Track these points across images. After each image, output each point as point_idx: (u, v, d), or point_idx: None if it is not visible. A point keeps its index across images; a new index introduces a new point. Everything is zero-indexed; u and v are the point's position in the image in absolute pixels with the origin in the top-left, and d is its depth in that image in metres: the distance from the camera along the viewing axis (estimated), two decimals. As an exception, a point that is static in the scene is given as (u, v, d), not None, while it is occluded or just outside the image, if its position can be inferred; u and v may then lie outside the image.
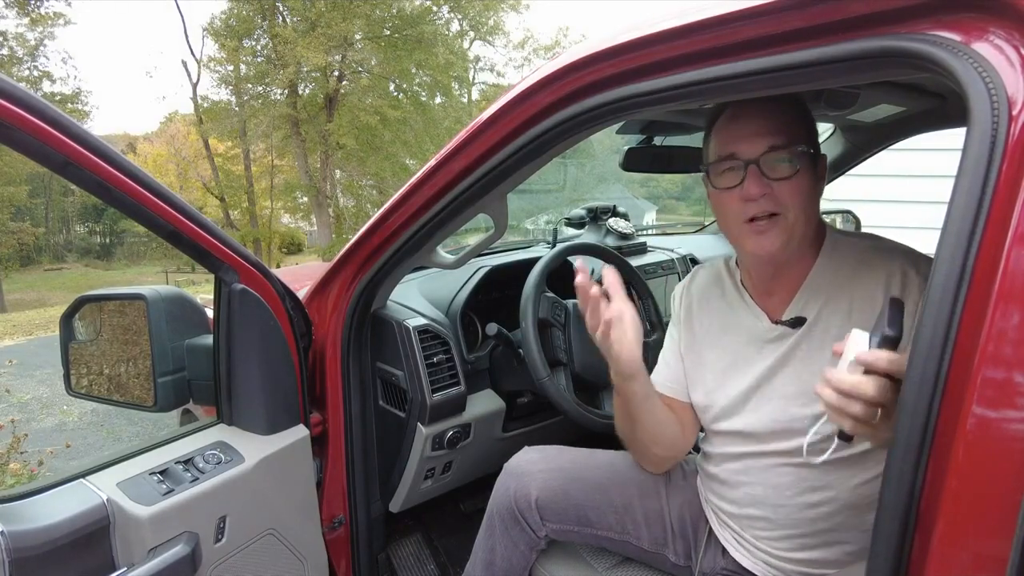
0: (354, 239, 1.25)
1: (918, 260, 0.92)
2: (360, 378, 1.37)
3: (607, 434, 1.29)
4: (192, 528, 0.94)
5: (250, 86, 18.14)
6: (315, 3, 16.07)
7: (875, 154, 1.68)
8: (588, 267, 0.95)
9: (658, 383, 1.17)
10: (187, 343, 1.13)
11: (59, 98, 18.18)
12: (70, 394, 1.20)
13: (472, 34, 20.96)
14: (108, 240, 32.39)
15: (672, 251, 2.32)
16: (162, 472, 0.96)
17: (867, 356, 0.67)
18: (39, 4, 16.66)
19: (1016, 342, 0.49)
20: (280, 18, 17.10)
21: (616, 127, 1.35)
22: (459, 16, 19.74)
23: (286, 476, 1.11)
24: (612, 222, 2.28)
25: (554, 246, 1.68)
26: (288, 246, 26.83)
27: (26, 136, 0.73)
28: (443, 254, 1.30)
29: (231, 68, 18.17)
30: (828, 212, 2.38)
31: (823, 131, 1.67)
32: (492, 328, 1.50)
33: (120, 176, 0.83)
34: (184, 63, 20.08)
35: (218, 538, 0.99)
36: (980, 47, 0.55)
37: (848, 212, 2.45)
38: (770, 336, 0.99)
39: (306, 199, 19.67)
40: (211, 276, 1.06)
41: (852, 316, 0.91)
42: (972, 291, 0.51)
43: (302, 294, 1.33)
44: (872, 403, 0.66)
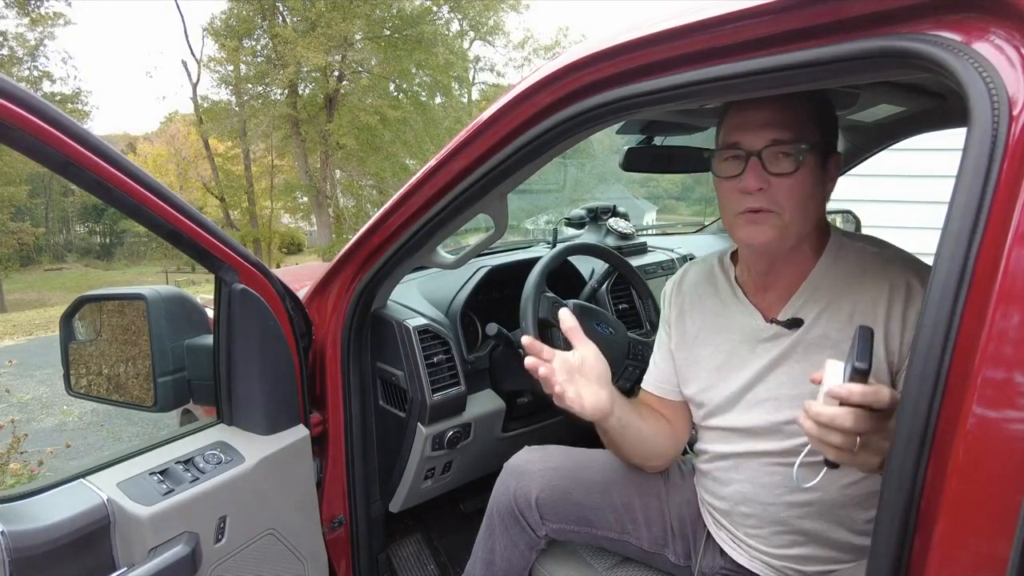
0: (354, 239, 1.25)
1: (922, 271, 0.90)
2: (360, 378, 1.37)
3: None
4: (192, 528, 0.94)
5: (250, 86, 18.16)
6: (315, 3, 16.08)
7: (875, 154, 1.68)
8: (537, 345, 0.95)
9: (648, 384, 1.18)
10: (187, 343, 1.13)
11: (59, 98, 18.18)
12: (70, 394, 1.20)
13: (472, 34, 20.98)
14: (108, 240, 32.38)
15: (672, 251, 2.33)
16: (162, 472, 0.96)
17: (839, 390, 0.67)
18: (39, 4, 16.68)
19: (1016, 342, 0.49)
20: (280, 18, 17.11)
21: (616, 127, 1.35)
22: (459, 16, 19.76)
23: (286, 476, 1.11)
24: (612, 222, 2.28)
25: (554, 246, 1.68)
26: (288, 246, 26.83)
27: (26, 136, 0.73)
28: (443, 254, 1.30)
29: (231, 68, 18.20)
30: (828, 212, 2.37)
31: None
32: (492, 328, 1.50)
33: (120, 176, 0.83)
34: (184, 63, 20.14)
35: (218, 538, 0.99)
36: (980, 47, 0.55)
37: (848, 212, 2.45)
38: (764, 335, 0.99)
39: (306, 199, 19.68)
40: (211, 276, 1.06)
41: (853, 322, 0.90)
42: (972, 291, 0.51)
43: (302, 294, 1.33)
44: (851, 433, 0.67)
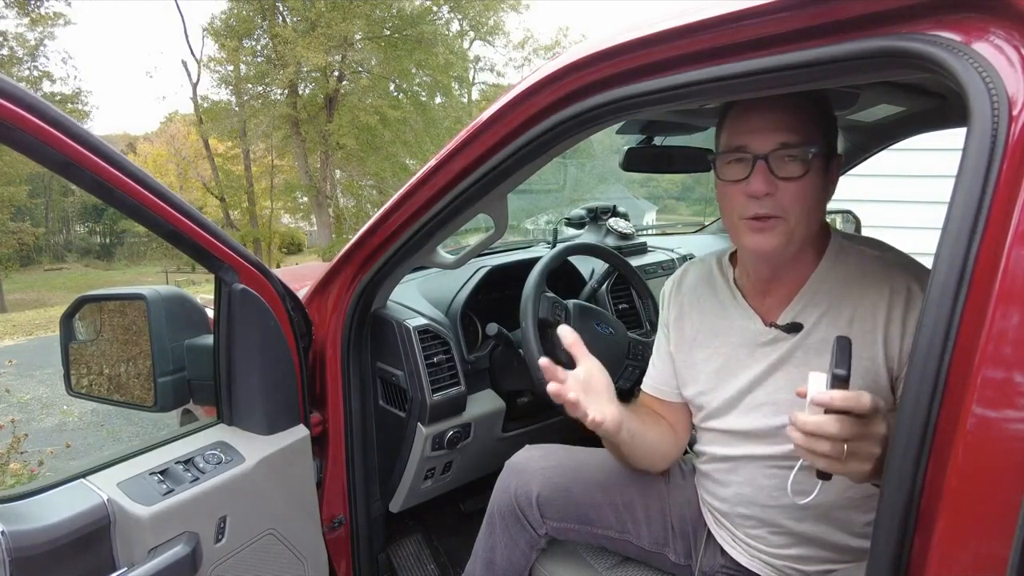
0: (354, 239, 1.25)
1: (922, 275, 0.89)
2: (360, 378, 1.37)
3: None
4: (192, 528, 0.94)
5: (250, 86, 18.15)
6: (315, 3, 16.08)
7: (875, 154, 1.68)
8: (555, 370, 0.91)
9: (647, 386, 1.17)
10: (187, 343, 1.13)
11: (59, 98, 18.18)
12: (70, 394, 1.20)
13: (472, 34, 20.98)
14: (108, 240, 32.38)
15: (672, 251, 2.33)
16: (162, 472, 0.96)
17: (821, 397, 0.68)
18: (39, 4, 16.68)
19: (1016, 342, 0.49)
20: (280, 18, 17.11)
21: (616, 127, 1.35)
22: (459, 16, 19.76)
23: (286, 476, 1.11)
24: (612, 222, 2.28)
25: (554, 246, 1.68)
26: (288, 246, 26.83)
27: (26, 136, 0.73)
28: (443, 254, 1.30)
29: (231, 68, 18.19)
30: (828, 212, 2.37)
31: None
32: (492, 328, 1.50)
33: (120, 176, 0.83)
34: (184, 63, 20.13)
35: (218, 538, 0.99)
36: (980, 47, 0.55)
37: (848, 212, 2.45)
38: (763, 339, 0.98)
39: (306, 199, 19.68)
40: (211, 276, 1.06)
41: (853, 326, 0.89)
42: (972, 291, 0.51)
43: (302, 294, 1.33)
44: (836, 440, 0.68)
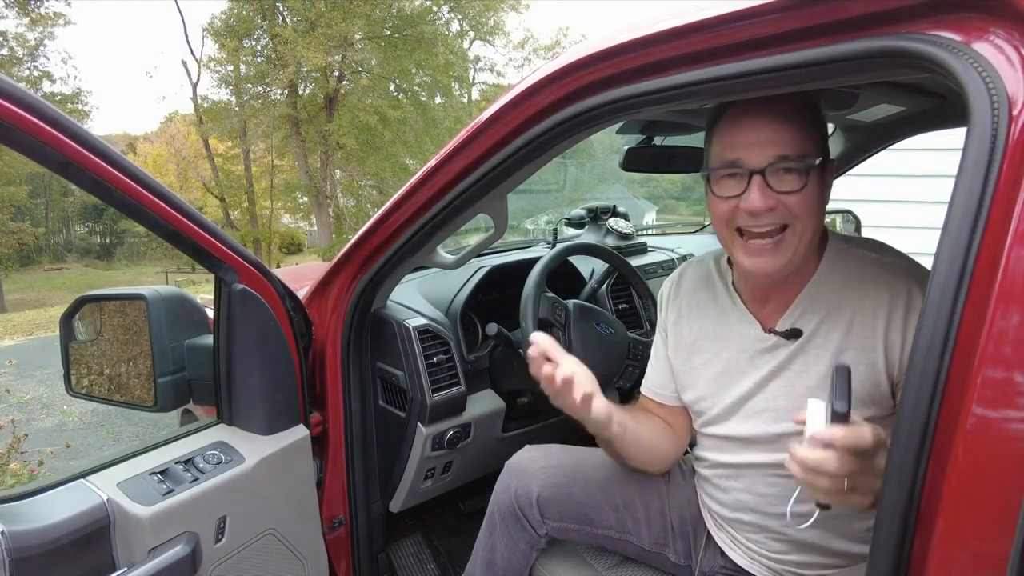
0: (354, 239, 1.25)
1: (922, 278, 0.87)
2: (360, 378, 1.37)
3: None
4: (192, 528, 0.94)
5: (250, 86, 18.16)
6: (315, 3, 16.08)
7: (875, 154, 1.68)
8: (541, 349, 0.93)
9: (646, 389, 1.17)
10: (187, 343, 1.13)
11: (59, 98, 18.19)
12: (70, 394, 1.21)
13: (472, 34, 20.98)
14: (108, 240, 32.39)
15: (672, 251, 2.33)
16: (162, 472, 0.96)
17: (821, 435, 0.67)
18: (39, 4, 16.69)
19: (1016, 342, 0.49)
20: (280, 18, 17.11)
21: (616, 127, 1.35)
22: (459, 16, 19.76)
23: (286, 476, 1.11)
24: (612, 222, 2.28)
25: (554, 246, 1.68)
26: (288, 246, 26.83)
27: (26, 136, 0.73)
28: (443, 254, 1.30)
29: (231, 68, 18.20)
30: (828, 212, 2.37)
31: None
32: (492, 328, 1.50)
33: (120, 176, 0.83)
34: (184, 63, 20.13)
35: (218, 538, 0.99)
36: (980, 47, 0.55)
37: (848, 212, 2.45)
38: (763, 346, 0.97)
39: (306, 199, 19.68)
40: (211, 276, 1.06)
41: (852, 331, 0.89)
42: (972, 291, 0.51)
43: (302, 294, 1.33)
44: (837, 476, 0.67)
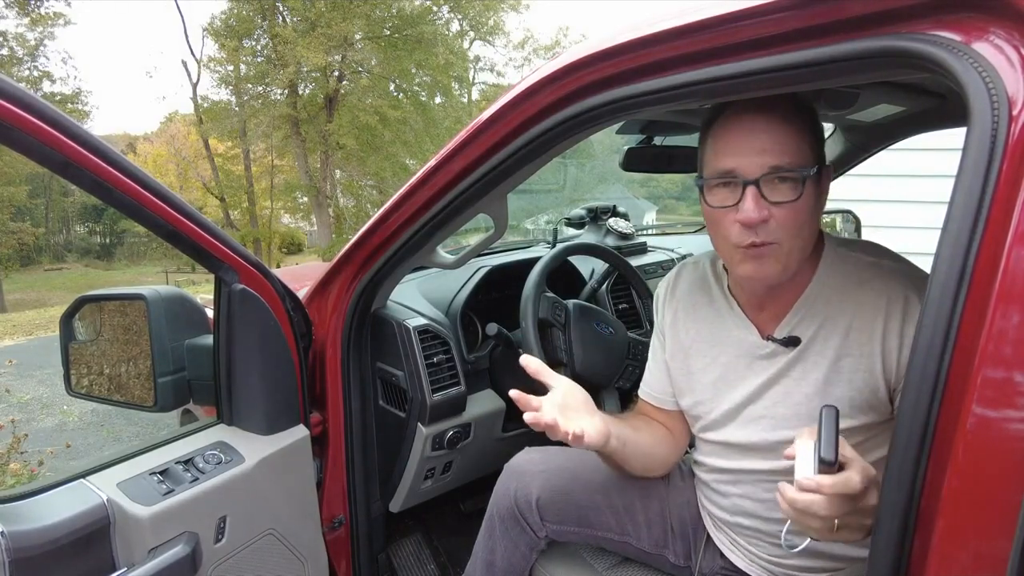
0: (354, 239, 1.25)
1: (920, 283, 0.86)
2: (360, 378, 1.37)
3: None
4: (192, 528, 0.94)
5: (250, 86, 18.16)
6: (315, 3, 16.08)
7: (875, 154, 1.68)
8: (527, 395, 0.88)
9: (644, 393, 1.16)
10: (187, 343, 1.13)
11: (59, 98, 18.20)
12: (70, 394, 1.21)
13: (472, 34, 20.98)
14: (108, 240, 32.39)
15: (672, 251, 2.33)
16: (162, 472, 0.96)
17: (808, 483, 0.67)
18: (39, 4, 16.69)
19: (1016, 342, 0.49)
20: (280, 18, 17.11)
21: (616, 127, 1.35)
22: (459, 16, 19.76)
23: (286, 476, 1.11)
24: (612, 222, 2.28)
25: (554, 246, 1.68)
26: (288, 246, 26.83)
27: (26, 136, 0.73)
28: (443, 254, 1.30)
29: (231, 68, 18.20)
30: (828, 212, 2.37)
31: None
32: (492, 328, 1.50)
33: (120, 176, 0.83)
34: (184, 63, 20.13)
35: (218, 538, 0.99)
36: (980, 47, 0.55)
37: (848, 212, 2.45)
38: (761, 352, 0.96)
39: (306, 199, 19.68)
40: (211, 276, 1.06)
41: (850, 337, 0.88)
42: (972, 291, 0.51)
43: (302, 294, 1.33)
44: (827, 518, 0.67)
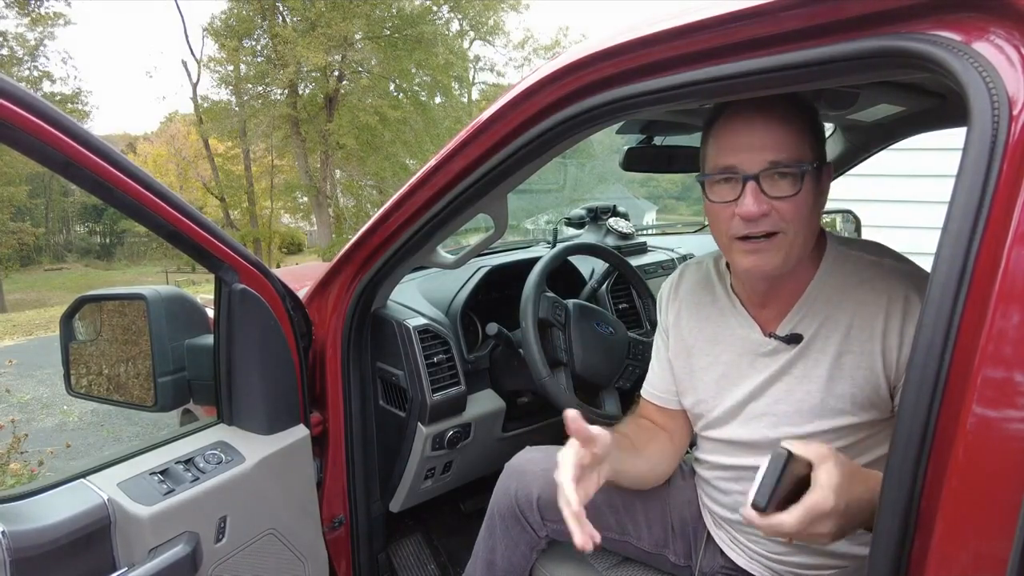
0: (354, 239, 1.25)
1: (921, 283, 0.87)
2: (360, 378, 1.37)
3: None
4: (192, 528, 0.94)
5: (250, 86, 18.16)
6: (315, 3, 16.08)
7: (875, 154, 1.68)
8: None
9: (647, 393, 1.17)
10: (187, 343, 1.13)
11: (59, 98, 18.21)
12: (70, 394, 1.21)
13: (472, 34, 20.98)
14: (108, 240, 32.40)
15: (672, 251, 2.33)
16: (163, 472, 0.96)
17: (746, 513, 0.67)
18: (39, 4, 16.70)
19: (1016, 342, 0.49)
20: (280, 18, 17.12)
21: (616, 127, 1.35)
22: (459, 16, 19.77)
23: (286, 476, 1.11)
24: (612, 222, 2.28)
25: (554, 246, 1.68)
26: (288, 246, 26.84)
27: (27, 136, 0.73)
28: (443, 254, 1.30)
29: (231, 68, 18.20)
30: (828, 212, 2.37)
31: (823, 131, 1.66)
32: (492, 328, 1.50)
33: (120, 176, 0.83)
34: (184, 63, 20.14)
35: (218, 538, 0.99)
36: (980, 47, 0.55)
37: (848, 212, 2.45)
38: (763, 350, 0.97)
39: (306, 199, 19.69)
40: (211, 276, 1.06)
41: (851, 335, 0.89)
42: (972, 291, 0.51)
43: (302, 294, 1.33)
44: (792, 536, 0.67)
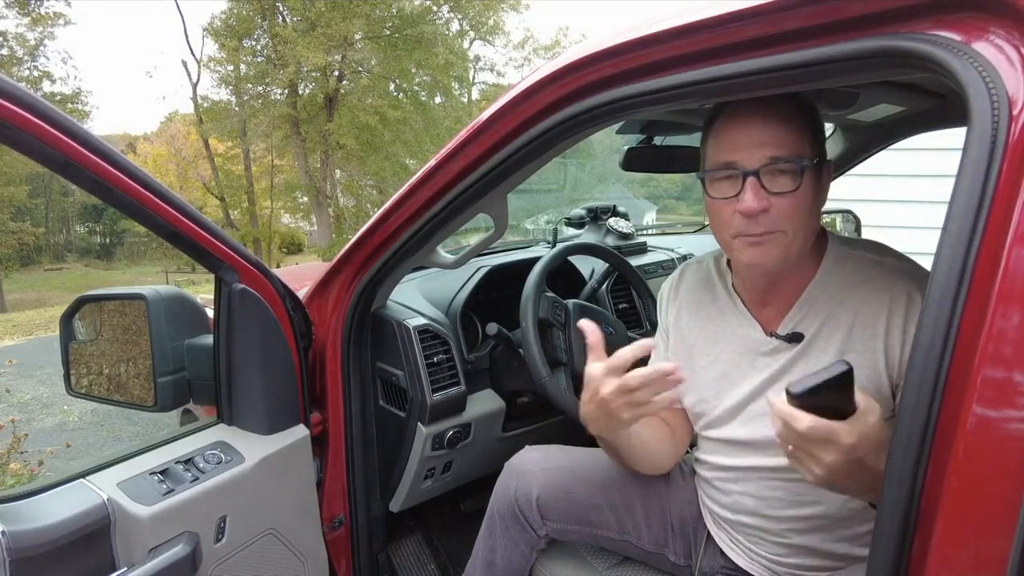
0: (354, 239, 1.25)
1: (923, 282, 0.87)
2: (360, 378, 1.37)
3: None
4: (192, 528, 0.94)
5: (250, 86, 18.16)
6: (315, 3, 16.08)
7: (875, 154, 1.68)
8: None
9: None
10: (187, 343, 1.13)
11: (59, 98, 18.21)
12: (70, 394, 1.21)
13: (472, 34, 20.98)
14: (108, 240, 32.41)
15: (672, 251, 2.33)
16: (162, 472, 0.96)
17: (773, 400, 0.67)
18: (39, 4, 16.70)
19: (1016, 342, 0.49)
20: (280, 18, 17.12)
21: (616, 127, 1.35)
22: (459, 16, 19.76)
23: (286, 476, 1.11)
24: (612, 222, 2.28)
25: (554, 246, 1.68)
26: (288, 246, 26.84)
27: (27, 136, 0.73)
28: (443, 254, 1.30)
29: (231, 68, 18.20)
30: (828, 212, 2.37)
31: (823, 131, 1.66)
32: (492, 328, 1.50)
33: (120, 176, 0.83)
34: (184, 63, 20.14)
35: (218, 538, 0.99)
36: (980, 47, 0.55)
37: (848, 212, 2.45)
38: (764, 349, 0.96)
39: (306, 199, 19.69)
40: (211, 276, 1.06)
41: (853, 334, 0.88)
42: (972, 291, 0.51)
43: (302, 294, 1.33)
44: (797, 436, 0.67)
